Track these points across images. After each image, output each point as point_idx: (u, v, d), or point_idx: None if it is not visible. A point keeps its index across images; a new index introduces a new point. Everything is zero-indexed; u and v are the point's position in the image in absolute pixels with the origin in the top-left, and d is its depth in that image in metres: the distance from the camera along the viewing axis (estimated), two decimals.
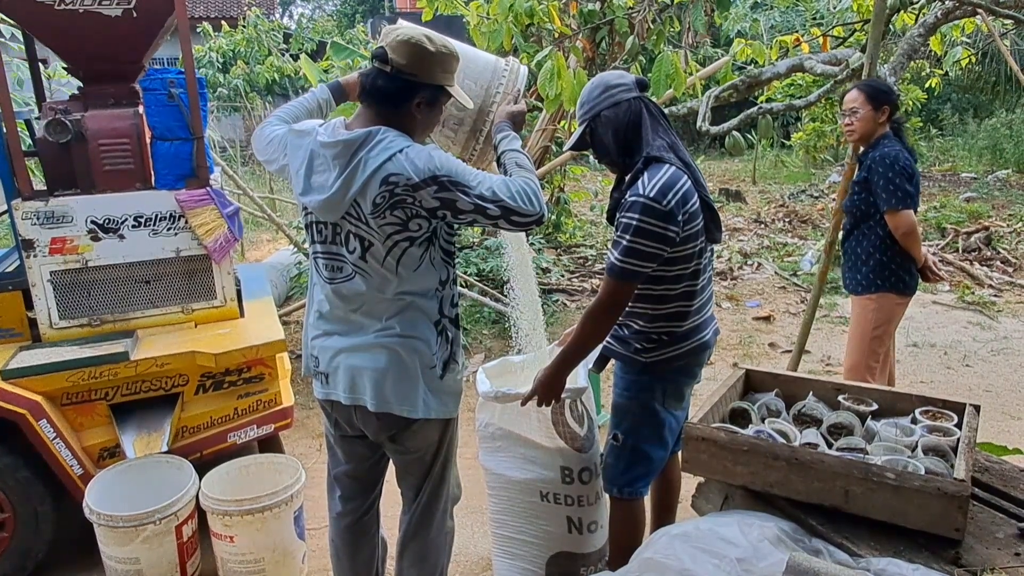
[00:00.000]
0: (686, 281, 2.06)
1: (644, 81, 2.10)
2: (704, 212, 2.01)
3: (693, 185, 1.97)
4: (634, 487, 2.23)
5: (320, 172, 1.81)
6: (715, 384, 2.37)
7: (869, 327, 3.10)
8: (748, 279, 6.69)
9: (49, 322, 2.78)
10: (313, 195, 1.82)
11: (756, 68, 5.98)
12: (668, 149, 2.00)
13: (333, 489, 2.22)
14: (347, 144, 1.75)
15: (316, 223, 1.89)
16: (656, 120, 2.05)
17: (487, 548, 2.80)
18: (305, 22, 15.57)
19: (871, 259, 3.07)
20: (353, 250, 1.83)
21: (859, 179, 3.10)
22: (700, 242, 2.03)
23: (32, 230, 2.70)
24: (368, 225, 1.78)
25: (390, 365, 1.88)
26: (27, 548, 2.62)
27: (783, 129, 14.79)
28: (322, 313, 1.98)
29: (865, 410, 2.19)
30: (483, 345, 5.09)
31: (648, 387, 2.15)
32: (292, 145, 1.91)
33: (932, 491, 1.67)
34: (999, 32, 6.32)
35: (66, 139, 2.75)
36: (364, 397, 1.91)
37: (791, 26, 12.04)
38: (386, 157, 1.72)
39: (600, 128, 2.07)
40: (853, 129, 3.09)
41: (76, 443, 2.60)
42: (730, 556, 1.60)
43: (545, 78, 3.98)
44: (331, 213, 1.81)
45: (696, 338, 2.14)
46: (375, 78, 1.79)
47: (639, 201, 1.90)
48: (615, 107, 2.03)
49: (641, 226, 1.89)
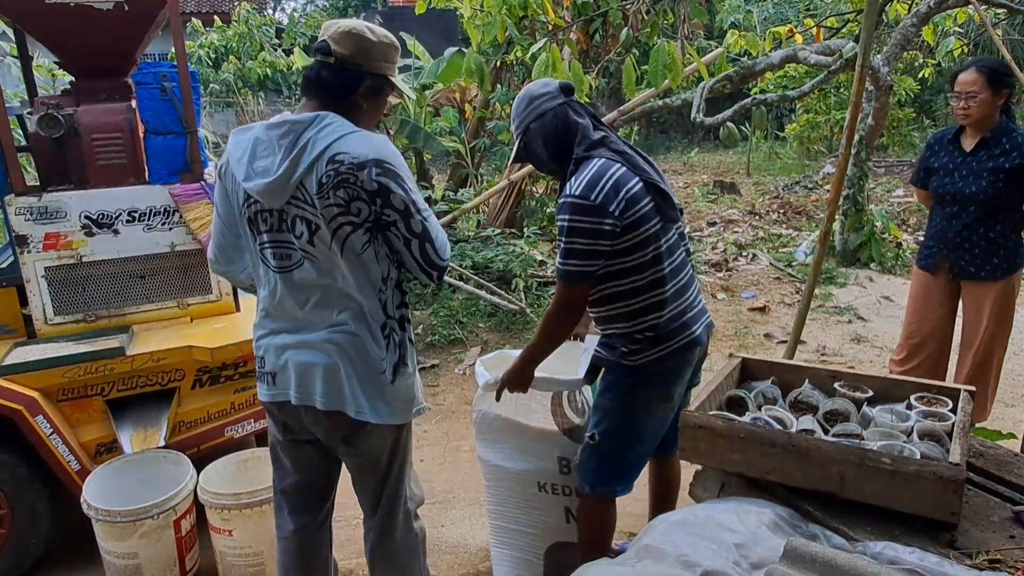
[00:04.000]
0: (650, 269, 2.01)
1: (568, 85, 2.11)
2: (652, 193, 1.99)
3: (632, 170, 1.97)
4: (607, 486, 2.18)
5: (264, 157, 1.77)
6: (711, 373, 2.37)
7: (1014, 305, 3.10)
8: (743, 270, 6.70)
9: (44, 318, 2.77)
10: (257, 180, 1.76)
11: (750, 59, 5.99)
12: (598, 144, 2.02)
13: (280, 507, 2.11)
14: (294, 124, 1.74)
15: (260, 212, 1.81)
16: (585, 120, 2.07)
17: (485, 539, 2.80)
18: (297, 17, 15.49)
19: (1008, 240, 3.01)
20: (300, 234, 1.78)
21: (1003, 166, 2.94)
22: (652, 226, 1.99)
23: (26, 226, 2.69)
24: (314, 206, 1.73)
25: (341, 363, 1.83)
26: (25, 544, 2.62)
27: (777, 121, 14.80)
28: (269, 311, 1.90)
29: (861, 397, 2.20)
30: (479, 338, 5.09)
31: (631, 391, 2.10)
32: (233, 145, 1.84)
33: (928, 476, 1.67)
34: (991, 22, 6.33)
35: (59, 134, 2.74)
36: (314, 396, 1.85)
37: (784, 17, 12.03)
38: (335, 137, 1.72)
39: (531, 141, 2.10)
40: (969, 113, 2.96)
41: (73, 439, 2.60)
42: (728, 542, 1.61)
43: (540, 70, 3.98)
44: (276, 197, 1.76)
45: (684, 335, 2.08)
46: (319, 70, 1.79)
47: (566, 201, 1.93)
48: (541, 118, 2.06)
49: (573, 225, 1.91)
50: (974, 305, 3.13)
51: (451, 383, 4.57)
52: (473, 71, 4.31)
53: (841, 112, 11.30)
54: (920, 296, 3.29)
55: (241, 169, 1.79)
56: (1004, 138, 2.96)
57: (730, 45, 5.49)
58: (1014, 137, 2.95)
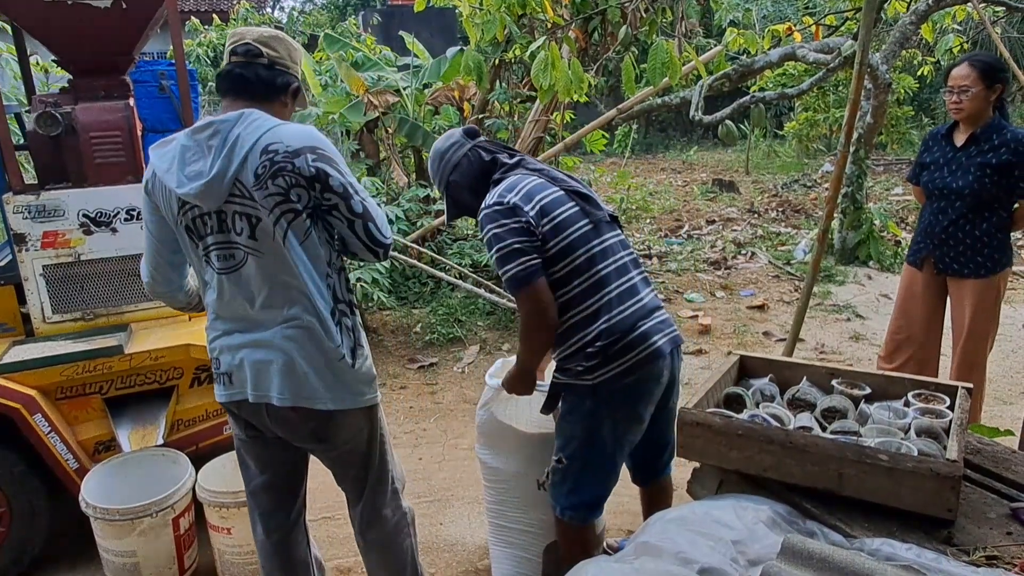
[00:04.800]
0: (584, 274, 1.98)
1: (472, 130, 2.19)
2: (575, 198, 2.03)
3: (549, 181, 2.03)
4: (578, 512, 2.12)
5: (194, 162, 1.77)
6: (709, 371, 2.37)
7: (999, 303, 3.09)
8: (742, 268, 6.70)
9: (42, 316, 2.77)
10: (191, 184, 1.74)
11: (748, 57, 5.99)
12: (514, 167, 2.08)
13: (252, 511, 2.10)
14: (220, 124, 1.76)
15: (199, 217, 1.80)
16: (497, 155, 2.13)
17: (483, 537, 2.81)
18: (296, 15, 15.47)
19: (993, 239, 3.00)
20: (241, 231, 1.78)
21: (991, 161, 2.93)
22: (579, 228, 1.99)
23: (24, 224, 2.69)
24: (253, 199, 1.74)
25: (298, 358, 1.83)
26: (23, 542, 2.62)
27: (776, 119, 14.79)
28: (219, 314, 1.89)
29: (858, 394, 2.20)
30: (478, 336, 5.09)
31: (592, 412, 2.01)
32: (157, 158, 1.82)
33: (925, 472, 1.68)
34: (990, 19, 6.33)
35: (57, 132, 2.73)
36: (271, 393, 1.84)
37: (783, 15, 12.03)
38: (265, 129, 1.75)
39: (456, 193, 2.15)
40: (962, 108, 2.96)
41: (71, 437, 2.60)
42: (725, 539, 1.61)
43: (539, 69, 3.97)
44: (213, 198, 1.75)
45: (643, 347, 1.98)
46: (250, 70, 1.82)
47: (483, 214, 1.98)
48: (456, 168, 2.12)
49: (496, 232, 1.94)
50: (958, 302, 3.14)
51: (450, 381, 4.57)
52: (471, 69, 4.31)
53: (840, 110, 11.30)
54: (907, 291, 3.29)
55: (172, 178, 1.77)
56: (994, 134, 2.96)
57: (729, 43, 5.48)
58: (1004, 133, 2.95)
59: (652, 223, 8.71)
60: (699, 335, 5.16)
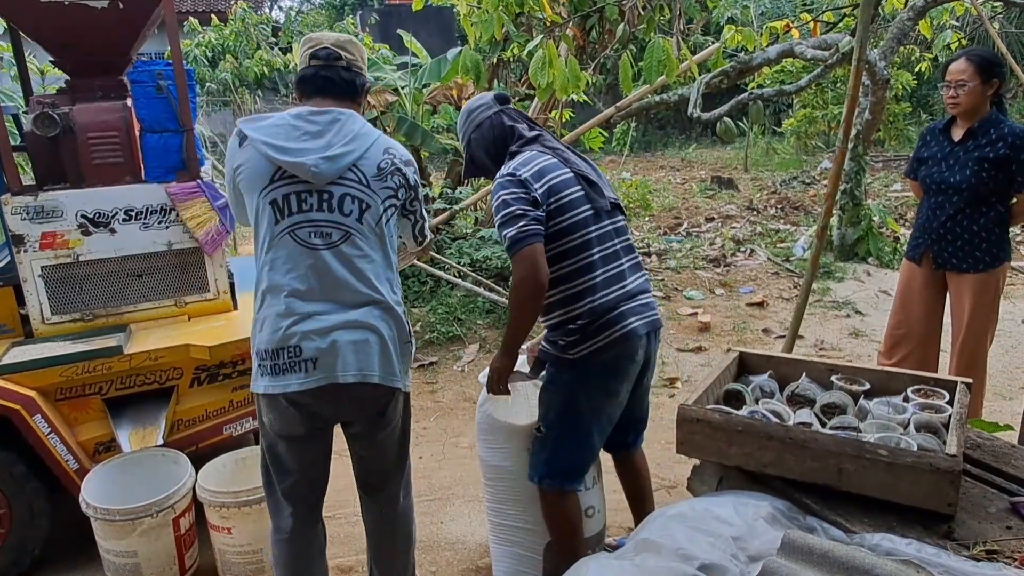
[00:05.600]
0: (576, 255, 2.08)
1: (503, 95, 2.28)
2: (582, 182, 2.11)
3: (562, 162, 2.12)
4: (555, 480, 2.19)
5: (305, 140, 1.87)
6: (709, 368, 2.37)
7: (998, 298, 3.09)
8: (741, 266, 6.71)
9: (41, 317, 2.77)
10: (308, 155, 1.84)
11: (746, 55, 5.98)
12: (531, 141, 2.18)
13: (281, 508, 2.06)
14: (339, 114, 1.91)
15: (293, 194, 1.87)
16: (518, 124, 2.23)
17: (484, 535, 2.81)
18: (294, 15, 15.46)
19: (991, 234, 3.00)
20: (350, 212, 1.90)
21: (988, 155, 2.93)
22: (581, 212, 2.09)
23: (22, 225, 2.69)
24: (370, 188, 1.92)
25: (388, 337, 1.94)
26: (23, 543, 2.61)
27: (774, 116, 14.79)
28: (302, 294, 1.87)
29: (858, 390, 2.20)
30: (478, 335, 5.09)
31: (570, 384, 2.14)
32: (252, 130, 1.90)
33: (925, 467, 1.68)
34: (988, 15, 6.33)
35: (54, 133, 2.73)
36: (374, 371, 1.91)
37: (781, 12, 12.03)
38: (379, 134, 1.97)
39: (474, 151, 2.27)
40: (958, 102, 2.97)
41: (71, 438, 2.59)
42: (725, 535, 1.61)
43: (536, 67, 3.97)
44: (328, 174, 1.86)
45: (618, 327, 2.08)
46: (333, 72, 1.95)
47: (497, 181, 2.10)
48: (478, 128, 2.24)
49: (505, 198, 2.04)
50: (957, 298, 3.14)
51: (450, 380, 4.57)
52: (469, 68, 4.31)
53: (838, 107, 11.30)
54: (906, 287, 3.29)
55: (277, 151, 1.85)
56: (992, 129, 2.97)
57: (726, 40, 5.48)
58: (1001, 127, 2.95)
59: (651, 221, 8.71)
60: (698, 332, 5.16)
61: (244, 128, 1.92)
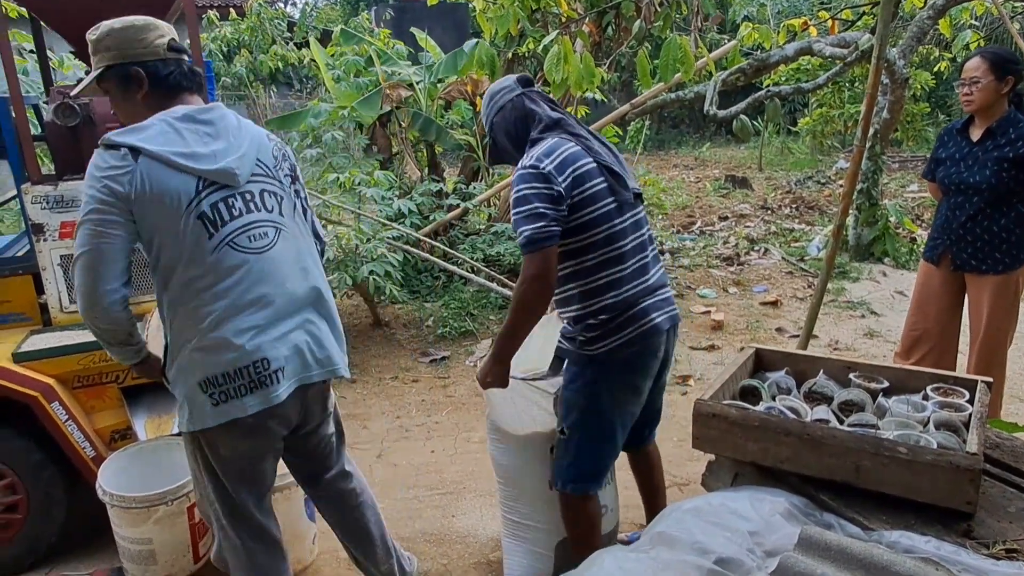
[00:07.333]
0: (601, 248, 2.02)
1: (526, 78, 2.23)
2: (606, 173, 2.04)
3: (585, 151, 2.04)
4: (579, 484, 2.15)
5: (208, 143, 1.76)
6: (722, 367, 2.36)
7: (1018, 299, 3.06)
8: (755, 264, 6.67)
9: (60, 306, 2.79)
10: (224, 158, 1.75)
11: (763, 52, 5.95)
12: (554, 126, 2.10)
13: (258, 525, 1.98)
14: (221, 109, 1.86)
15: (219, 202, 1.75)
16: (542, 107, 2.16)
17: (495, 530, 2.81)
18: (309, 10, 15.49)
19: (1011, 235, 2.97)
20: (272, 208, 1.85)
21: (1008, 155, 2.90)
22: (605, 205, 2.02)
23: (42, 215, 2.71)
24: (276, 179, 1.89)
25: (336, 324, 1.96)
26: (40, 530, 2.64)
27: (790, 115, 14.70)
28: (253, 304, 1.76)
29: (876, 387, 2.19)
30: (490, 330, 5.09)
31: (593, 382, 2.07)
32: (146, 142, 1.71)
33: (944, 465, 1.66)
34: (1009, 15, 6.25)
35: (74, 123, 2.74)
36: (337, 363, 1.92)
37: (798, 10, 11.95)
38: (248, 121, 1.91)
39: (496, 135, 2.21)
40: (972, 100, 2.96)
41: (88, 425, 2.61)
42: (742, 529, 1.61)
43: (552, 63, 3.96)
44: (245, 173, 1.81)
45: (642, 322, 2.04)
46: (187, 66, 1.89)
47: (518, 173, 2.01)
48: (501, 111, 2.18)
49: (526, 193, 1.96)
50: (976, 299, 3.10)
51: (462, 375, 4.57)
52: (484, 63, 4.30)
53: (855, 106, 11.21)
54: (923, 288, 3.26)
55: (192, 158, 1.71)
56: (1011, 128, 2.94)
57: (743, 38, 5.45)
58: (1020, 127, 2.92)
59: (665, 219, 8.67)
60: (712, 331, 5.13)
61: (131, 141, 1.70)
